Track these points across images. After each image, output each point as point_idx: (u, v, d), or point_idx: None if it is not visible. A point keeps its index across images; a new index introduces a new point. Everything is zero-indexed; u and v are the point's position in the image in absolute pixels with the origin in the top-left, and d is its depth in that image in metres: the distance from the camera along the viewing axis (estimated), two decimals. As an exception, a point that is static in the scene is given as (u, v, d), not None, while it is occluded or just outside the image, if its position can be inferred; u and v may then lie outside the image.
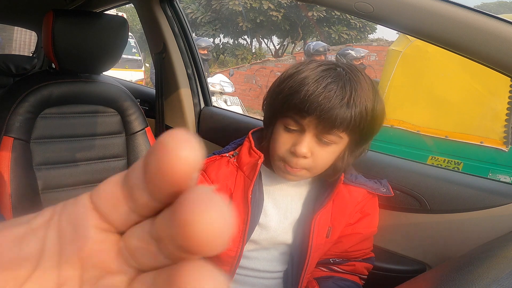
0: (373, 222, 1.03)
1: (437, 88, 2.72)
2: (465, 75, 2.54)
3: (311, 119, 0.81)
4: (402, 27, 0.82)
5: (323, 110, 0.79)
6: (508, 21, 0.72)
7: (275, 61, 10.31)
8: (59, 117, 1.31)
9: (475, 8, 0.75)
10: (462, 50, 0.77)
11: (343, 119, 0.80)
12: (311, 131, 0.83)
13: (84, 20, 1.31)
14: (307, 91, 0.80)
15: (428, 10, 0.75)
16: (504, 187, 1.04)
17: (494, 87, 2.51)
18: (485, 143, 2.53)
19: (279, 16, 13.59)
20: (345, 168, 0.92)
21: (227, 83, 5.76)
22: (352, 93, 0.80)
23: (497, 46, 0.73)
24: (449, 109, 2.67)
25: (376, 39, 15.09)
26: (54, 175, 1.28)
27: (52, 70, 1.41)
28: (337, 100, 0.79)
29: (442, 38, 0.77)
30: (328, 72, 0.83)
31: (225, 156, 1.01)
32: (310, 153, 0.84)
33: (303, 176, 0.90)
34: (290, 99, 0.83)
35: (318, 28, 14.26)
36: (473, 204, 0.99)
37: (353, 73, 0.84)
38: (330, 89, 0.80)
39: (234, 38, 16.08)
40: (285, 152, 0.87)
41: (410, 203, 1.07)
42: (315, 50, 5.02)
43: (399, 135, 2.74)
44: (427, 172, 1.14)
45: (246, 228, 0.94)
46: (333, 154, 0.87)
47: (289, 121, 0.85)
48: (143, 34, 1.85)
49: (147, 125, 1.46)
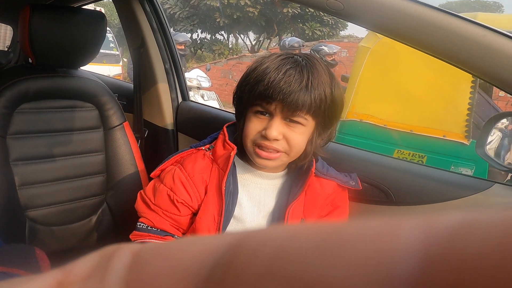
0: (343, 214, 1.04)
1: (404, 83, 2.76)
2: (429, 71, 2.58)
3: (277, 104, 0.85)
4: (370, 25, 0.85)
5: (285, 94, 0.84)
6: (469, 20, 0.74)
7: (251, 57, 10.27)
8: (36, 112, 1.26)
9: (439, 7, 0.76)
10: (426, 47, 0.79)
11: (304, 101, 0.84)
12: (278, 114, 0.87)
13: (62, 15, 1.28)
14: (269, 78, 0.85)
15: (395, 8, 0.77)
16: (465, 179, 1.06)
17: (457, 83, 2.56)
18: (447, 137, 2.59)
19: (255, 12, 13.54)
20: (315, 151, 0.94)
21: (204, 78, 5.68)
22: (310, 77, 0.85)
23: (458, 44, 0.75)
24: (414, 104, 2.71)
25: (347, 35, 15.24)
26: (31, 170, 1.24)
27: (28, 65, 1.36)
28: (296, 83, 0.84)
29: (408, 36, 0.79)
30: (286, 60, 0.88)
31: (201, 149, 1.01)
32: (281, 135, 0.87)
33: (282, 160, 0.91)
34: (255, 88, 0.87)
35: (293, 24, 14.27)
36: (436, 196, 1.01)
37: (309, 60, 0.89)
38: (289, 75, 0.85)
39: (211, 34, 15.93)
40: (256, 135, 0.89)
41: (377, 195, 1.09)
42: (290, 46, 5.00)
43: (368, 129, 2.77)
44: (393, 165, 1.15)
45: (221, 219, 0.94)
46: (303, 135, 0.90)
47: (258, 108, 0.89)
48: (121, 29, 1.81)
49: (125, 119, 1.43)
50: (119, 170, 1.38)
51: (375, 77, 2.85)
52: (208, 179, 0.97)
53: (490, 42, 0.73)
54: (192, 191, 0.96)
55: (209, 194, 0.96)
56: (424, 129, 2.65)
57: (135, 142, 1.44)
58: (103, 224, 1.37)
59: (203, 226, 0.95)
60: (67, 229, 1.31)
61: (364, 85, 2.85)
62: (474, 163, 2.47)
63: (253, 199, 0.98)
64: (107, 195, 1.38)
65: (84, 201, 1.34)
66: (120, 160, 1.39)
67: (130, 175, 1.39)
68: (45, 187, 1.27)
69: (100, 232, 1.37)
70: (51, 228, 1.28)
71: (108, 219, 1.37)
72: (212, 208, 0.95)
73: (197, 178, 0.95)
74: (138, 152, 1.43)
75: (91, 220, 1.35)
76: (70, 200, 1.32)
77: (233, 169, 0.96)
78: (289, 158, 0.92)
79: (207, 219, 0.95)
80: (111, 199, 1.39)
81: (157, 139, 1.70)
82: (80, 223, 1.34)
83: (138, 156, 1.42)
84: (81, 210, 1.34)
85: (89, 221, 1.35)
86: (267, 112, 0.88)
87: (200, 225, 0.95)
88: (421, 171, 1.11)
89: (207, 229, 0.95)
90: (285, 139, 0.88)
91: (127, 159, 1.39)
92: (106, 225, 1.37)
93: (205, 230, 0.95)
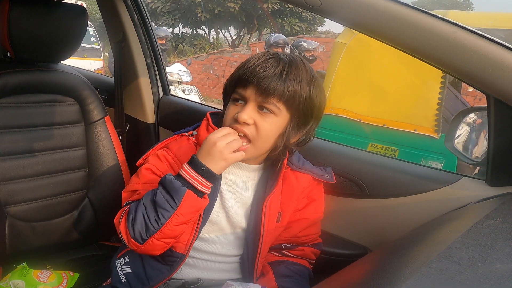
0: (319, 207, 1.04)
1: (377, 79, 2.78)
2: (401, 67, 2.61)
3: (251, 88, 0.87)
4: (346, 22, 0.86)
5: (259, 78, 0.86)
6: (440, 17, 0.75)
7: (231, 51, 10.20)
8: (15, 106, 1.22)
9: (411, 5, 0.77)
10: (399, 44, 0.80)
11: (276, 87, 0.86)
12: (252, 100, 0.88)
13: (42, 8, 1.23)
14: (248, 64, 0.89)
15: (369, 6, 0.77)
16: (434, 173, 1.08)
17: (427, 78, 2.60)
18: (418, 131, 2.63)
19: (236, 8, 13.43)
20: (286, 146, 0.94)
21: (185, 72, 5.61)
22: (286, 68, 0.87)
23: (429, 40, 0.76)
24: (387, 99, 2.74)
25: (324, 31, 15.27)
26: (11, 166, 1.19)
27: (7, 59, 1.31)
28: (271, 69, 0.87)
29: (381, 32, 0.80)
30: (270, 55, 0.91)
31: (185, 135, 1.01)
32: (252, 120, 0.88)
33: (249, 152, 0.90)
34: (235, 74, 0.92)
35: (273, 20, 14.22)
36: (407, 189, 1.03)
37: (292, 58, 0.91)
38: (266, 62, 0.88)
39: (192, 28, 15.74)
40: (230, 119, 0.91)
41: (351, 188, 1.10)
42: (275, 42, 4.88)
43: (343, 123, 2.79)
44: (366, 158, 1.16)
45: None
46: (274, 125, 0.90)
47: (235, 96, 0.91)
48: (103, 23, 1.76)
49: (107, 114, 1.39)
50: (101, 164, 1.35)
51: (351, 72, 2.87)
52: None
53: (460, 39, 0.74)
54: (175, 172, 0.94)
55: None
56: (396, 123, 2.69)
57: (117, 137, 1.41)
58: (85, 219, 1.33)
59: None
60: (49, 224, 1.27)
61: (340, 80, 2.86)
62: (444, 157, 2.52)
63: (231, 188, 0.98)
64: (89, 190, 1.34)
65: (65, 196, 1.30)
66: (102, 155, 1.35)
67: (111, 169, 1.36)
68: (26, 182, 1.23)
69: (82, 228, 1.33)
70: (32, 224, 1.24)
71: (90, 214, 1.34)
72: None
73: (183, 160, 0.93)
74: (120, 146, 1.40)
75: (72, 216, 1.32)
76: (51, 196, 1.27)
77: None
78: (255, 149, 0.91)
79: None
80: (92, 194, 1.35)
81: (139, 133, 1.67)
82: (62, 218, 1.30)
83: (119, 151, 1.39)
84: (63, 205, 1.30)
85: (70, 216, 1.31)
86: (242, 99, 0.90)
87: None
88: (393, 165, 1.13)
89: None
90: (255, 125, 0.88)
91: (109, 153, 1.36)
92: (88, 220, 1.34)
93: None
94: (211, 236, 0.99)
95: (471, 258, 0.50)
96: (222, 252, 1.00)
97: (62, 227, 1.30)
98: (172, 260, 0.96)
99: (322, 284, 0.57)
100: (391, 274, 0.50)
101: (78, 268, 1.24)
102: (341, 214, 1.12)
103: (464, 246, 0.55)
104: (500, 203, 0.79)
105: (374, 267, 0.60)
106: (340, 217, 1.12)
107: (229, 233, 1.00)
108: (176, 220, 0.83)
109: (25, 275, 1.13)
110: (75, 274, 1.20)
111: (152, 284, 0.97)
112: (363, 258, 0.75)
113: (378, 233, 1.06)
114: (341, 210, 1.12)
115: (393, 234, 0.89)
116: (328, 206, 1.06)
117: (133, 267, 1.00)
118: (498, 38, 0.73)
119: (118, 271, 1.02)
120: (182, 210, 0.83)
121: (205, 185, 0.84)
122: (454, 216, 0.84)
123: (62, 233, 1.30)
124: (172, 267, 0.97)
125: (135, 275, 0.99)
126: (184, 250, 0.95)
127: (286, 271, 1.00)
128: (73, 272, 1.20)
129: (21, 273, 1.14)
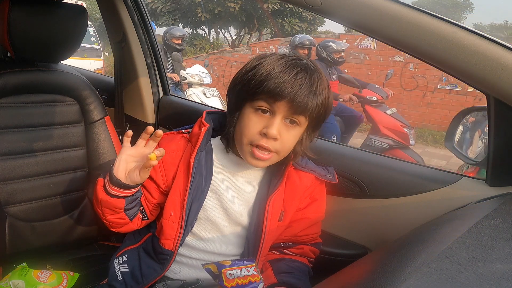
0: (321, 207, 1.05)
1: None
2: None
3: (284, 103, 0.85)
4: (346, 22, 0.86)
5: (295, 95, 0.84)
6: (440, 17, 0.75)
7: (231, 51, 10.18)
8: (15, 106, 1.21)
9: (412, 5, 0.77)
10: (399, 44, 0.80)
11: (312, 104, 0.85)
12: (281, 113, 0.86)
13: (42, 8, 1.23)
14: (281, 77, 0.84)
15: (369, 6, 0.78)
16: (434, 173, 1.08)
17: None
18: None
19: (236, 8, 13.41)
20: (304, 151, 0.95)
21: (206, 74, 5.24)
22: (317, 82, 0.87)
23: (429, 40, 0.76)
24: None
25: (324, 31, 15.25)
26: (11, 166, 1.19)
27: (7, 59, 1.31)
28: (307, 86, 0.85)
29: (382, 32, 0.80)
30: (296, 65, 0.87)
31: (181, 132, 1.03)
32: (279, 135, 0.87)
33: (272, 161, 0.91)
34: (264, 84, 0.85)
35: (273, 20, 14.21)
36: (407, 189, 1.03)
37: (314, 65, 0.90)
38: (301, 77, 0.85)
39: (192, 28, 15.71)
40: (255, 133, 0.88)
41: (351, 188, 1.10)
42: (300, 43, 4.43)
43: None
44: (367, 158, 1.16)
45: (186, 196, 0.94)
46: (295, 137, 0.91)
47: (261, 103, 0.87)
48: (103, 23, 1.76)
49: (106, 114, 1.39)
50: (101, 164, 1.35)
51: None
52: (181, 158, 0.98)
53: (460, 39, 0.74)
54: (159, 167, 0.97)
55: (179, 171, 0.97)
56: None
57: (117, 137, 1.41)
58: (85, 219, 1.33)
59: (169, 203, 0.96)
60: (49, 224, 1.27)
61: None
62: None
63: (233, 186, 0.98)
64: (89, 190, 1.34)
65: (65, 196, 1.30)
66: (101, 155, 1.35)
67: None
68: (26, 182, 1.23)
69: (82, 228, 1.33)
70: (32, 224, 1.24)
71: (90, 214, 1.33)
72: (179, 185, 0.95)
73: (168, 157, 0.95)
74: (120, 146, 1.40)
75: (72, 216, 1.31)
76: (51, 196, 1.27)
77: (209, 151, 0.97)
78: (278, 158, 0.92)
79: (174, 195, 0.96)
80: (92, 194, 1.35)
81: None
82: (62, 218, 1.30)
83: (119, 151, 1.38)
84: (62, 205, 1.30)
85: (70, 216, 1.31)
86: (268, 110, 0.87)
87: (168, 202, 0.96)
88: (393, 165, 1.13)
89: (173, 205, 0.96)
90: (280, 138, 0.87)
91: (109, 153, 1.36)
92: (88, 220, 1.33)
93: (170, 207, 0.96)
94: (210, 234, 1.00)
95: (471, 258, 0.50)
96: (221, 251, 1.00)
97: (62, 227, 1.30)
98: (163, 257, 0.98)
99: (322, 284, 0.57)
100: (391, 274, 0.50)
101: (78, 268, 1.24)
102: (341, 214, 1.12)
103: (464, 246, 0.55)
104: (500, 203, 0.79)
105: (374, 267, 0.60)
106: (340, 217, 1.12)
107: (228, 231, 1.00)
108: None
109: (25, 275, 1.13)
110: (75, 274, 1.20)
111: (146, 282, 0.98)
112: (363, 258, 0.75)
113: (378, 233, 1.06)
114: (341, 210, 1.12)
115: (393, 234, 0.89)
116: (328, 206, 1.06)
117: (130, 266, 1.02)
118: (498, 38, 0.73)
119: (116, 270, 1.03)
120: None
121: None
122: (454, 216, 0.83)
123: (62, 233, 1.30)
124: (163, 265, 0.98)
125: (131, 274, 1.00)
126: (173, 247, 0.96)
127: (285, 268, 1.01)
128: (73, 272, 1.20)
129: (21, 273, 1.14)
